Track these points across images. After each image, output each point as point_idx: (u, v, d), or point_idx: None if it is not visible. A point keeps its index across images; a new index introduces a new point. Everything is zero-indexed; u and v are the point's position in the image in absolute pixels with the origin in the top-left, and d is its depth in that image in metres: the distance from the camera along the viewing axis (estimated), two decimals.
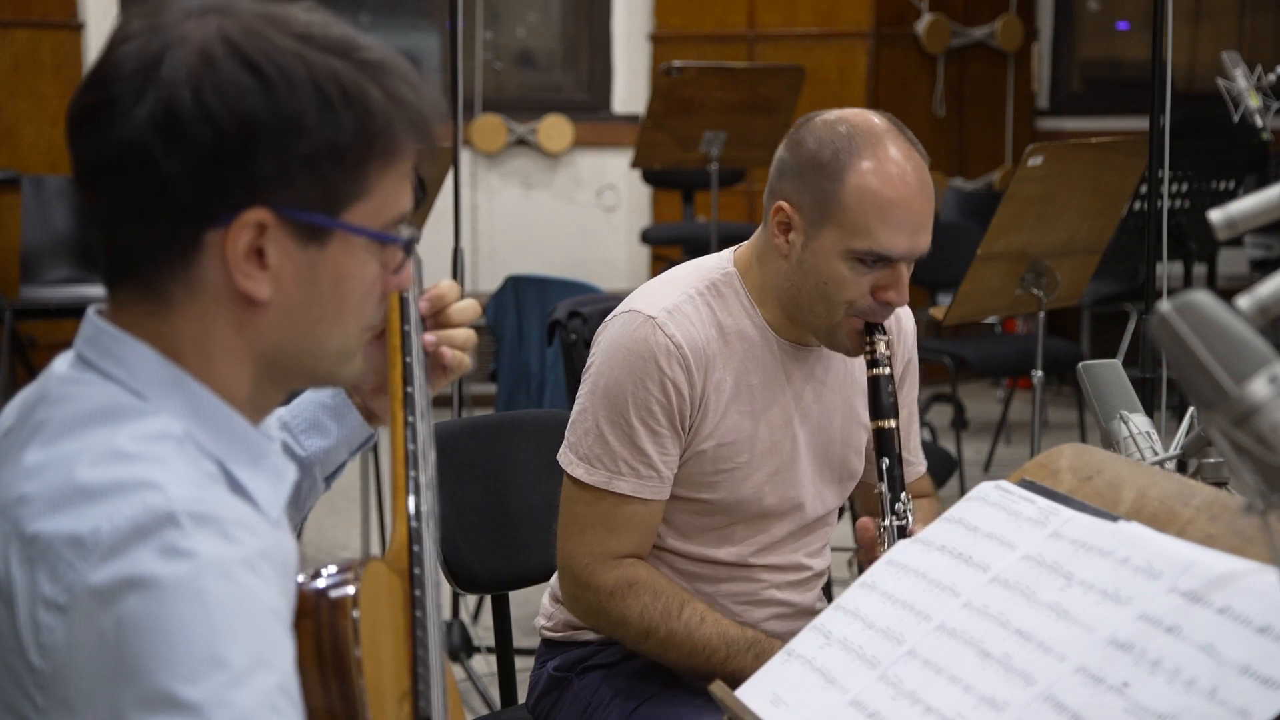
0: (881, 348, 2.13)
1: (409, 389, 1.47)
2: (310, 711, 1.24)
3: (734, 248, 2.27)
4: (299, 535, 1.66)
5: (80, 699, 1.12)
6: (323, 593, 1.27)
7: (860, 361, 2.20)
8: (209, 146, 1.19)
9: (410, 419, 1.45)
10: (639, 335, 2.13)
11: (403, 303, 1.50)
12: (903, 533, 2.09)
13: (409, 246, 1.32)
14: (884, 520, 2.12)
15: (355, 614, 1.26)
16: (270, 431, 1.62)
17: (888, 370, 2.13)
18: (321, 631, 1.26)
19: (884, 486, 2.12)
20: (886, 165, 2.07)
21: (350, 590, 1.27)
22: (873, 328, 2.13)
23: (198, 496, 1.16)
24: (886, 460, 2.12)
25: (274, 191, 1.21)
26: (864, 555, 2.15)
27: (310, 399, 1.64)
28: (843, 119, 2.12)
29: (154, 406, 1.23)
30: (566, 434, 2.20)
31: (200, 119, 1.18)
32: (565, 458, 2.19)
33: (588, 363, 2.20)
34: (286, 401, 1.64)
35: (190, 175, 1.19)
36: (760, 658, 2.11)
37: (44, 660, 1.14)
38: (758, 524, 2.24)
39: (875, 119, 2.12)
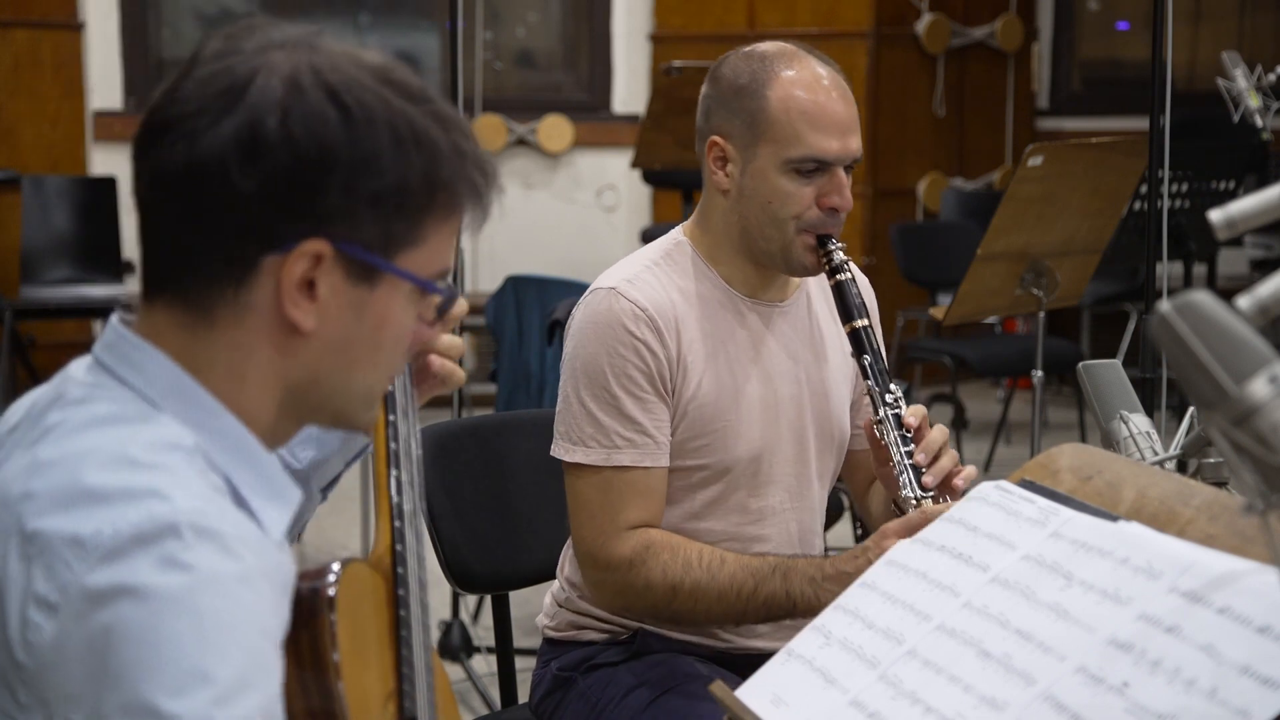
0: (838, 255, 2.18)
1: (390, 388, 1.47)
2: (291, 714, 1.24)
3: (681, 223, 2.33)
4: (297, 539, 1.67)
5: (58, 700, 1.12)
6: (301, 596, 1.27)
7: (826, 315, 2.28)
8: (285, 171, 1.21)
9: (391, 418, 1.46)
10: (602, 307, 2.18)
11: None
12: (899, 421, 2.12)
13: (449, 301, 1.35)
14: (877, 413, 2.15)
15: (333, 617, 1.26)
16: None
17: (849, 275, 2.19)
18: (300, 634, 1.26)
19: (869, 383, 2.16)
20: (804, 74, 2.16)
21: (329, 594, 1.27)
22: (825, 239, 2.18)
23: (202, 509, 1.16)
24: (867, 357, 2.17)
25: (337, 225, 1.23)
26: (875, 456, 2.19)
27: None
28: (756, 48, 2.22)
29: (167, 416, 1.23)
30: (555, 428, 2.22)
31: (282, 143, 1.21)
32: (559, 448, 2.21)
33: (563, 353, 2.23)
34: None
35: (262, 197, 1.21)
36: (788, 576, 2.12)
37: (29, 657, 1.14)
38: (755, 486, 2.25)
39: (785, 44, 2.22)
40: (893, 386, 2.15)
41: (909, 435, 2.12)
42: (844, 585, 2.05)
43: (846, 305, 2.19)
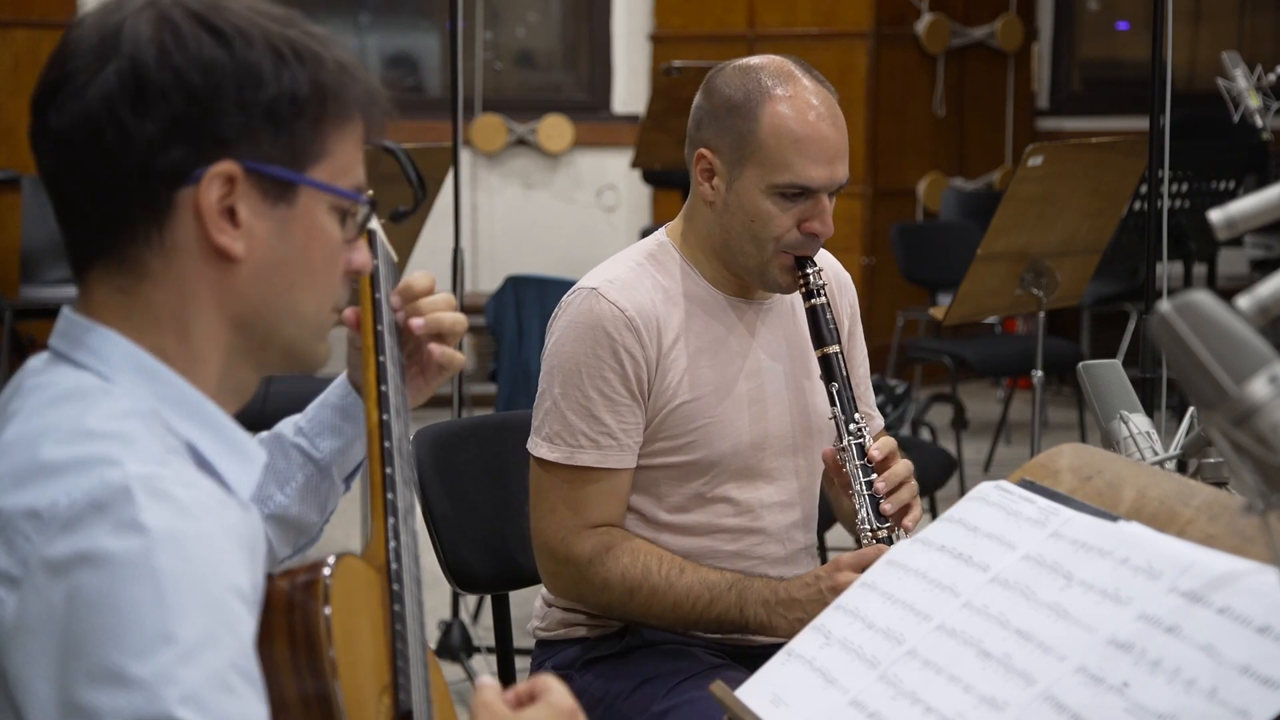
0: (814, 279, 2.20)
1: (383, 387, 1.48)
2: (286, 706, 1.24)
3: (665, 224, 2.34)
4: (318, 536, 1.69)
5: (22, 671, 1.12)
6: (295, 589, 1.27)
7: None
8: (177, 102, 1.22)
9: (385, 416, 1.47)
10: (584, 308, 2.20)
11: (375, 303, 1.52)
12: (861, 450, 2.15)
13: (370, 209, 1.36)
14: (841, 441, 2.17)
15: (327, 610, 1.27)
16: (283, 433, 1.64)
17: (824, 299, 2.20)
18: (295, 628, 1.26)
19: (836, 410, 2.18)
20: (797, 100, 2.16)
21: (323, 587, 1.28)
22: (803, 261, 2.20)
23: (156, 472, 1.17)
24: (835, 384, 2.19)
25: (240, 146, 1.24)
26: (837, 482, 2.22)
27: (322, 403, 1.66)
28: (752, 63, 2.21)
29: (121, 390, 1.24)
30: (532, 421, 2.25)
31: (167, 76, 1.22)
32: (531, 441, 2.25)
33: (544, 348, 2.25)
34: (290, 411, 1.66)
35: (160, 133, 1.22)
36: (744, 595, 2.16)
37: None
38: (744, 481, 2.26)
39: (783, 60, 2.21)
40: (857, 416, 2.18)
41: (870, 465, 2.15)
42: (795, 611, 2.11)
43: (819, 330, 2.21)
